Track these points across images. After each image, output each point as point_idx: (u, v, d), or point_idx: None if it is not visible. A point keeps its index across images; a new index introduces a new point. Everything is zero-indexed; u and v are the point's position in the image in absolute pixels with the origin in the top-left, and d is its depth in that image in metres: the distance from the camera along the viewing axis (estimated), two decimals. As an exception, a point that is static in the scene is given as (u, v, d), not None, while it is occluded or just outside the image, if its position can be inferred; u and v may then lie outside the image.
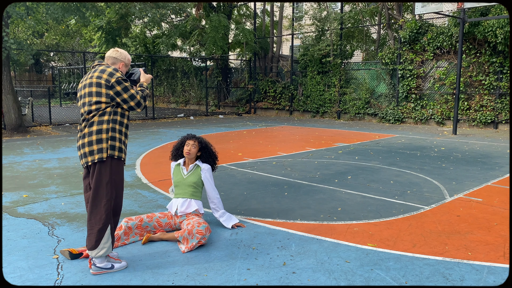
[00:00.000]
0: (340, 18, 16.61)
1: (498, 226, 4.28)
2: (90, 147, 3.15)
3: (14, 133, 11.51)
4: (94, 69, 3.31)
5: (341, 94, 16.76)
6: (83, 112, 3.25)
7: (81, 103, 3.27)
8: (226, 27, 18.25)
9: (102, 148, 3.15)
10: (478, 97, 13.43)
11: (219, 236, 3.98)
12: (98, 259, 3.15)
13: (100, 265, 3.15)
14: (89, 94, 3.21)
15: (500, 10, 12.23)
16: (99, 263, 3.15)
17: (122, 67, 3.43)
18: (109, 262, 3.21)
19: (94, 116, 3.20)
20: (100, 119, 3.19)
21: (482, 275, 3.19)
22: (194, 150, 4.13)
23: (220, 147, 9.34)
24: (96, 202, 3.14)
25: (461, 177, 6.51)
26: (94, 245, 3.12)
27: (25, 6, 11.32)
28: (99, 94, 3.20)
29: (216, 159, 4.34)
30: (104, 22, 18.30)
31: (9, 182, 6.05)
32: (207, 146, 4.25)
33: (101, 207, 3.14)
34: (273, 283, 3.05)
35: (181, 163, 4.25)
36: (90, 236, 3.14)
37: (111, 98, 3.22)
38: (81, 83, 3.34)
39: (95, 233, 3.11)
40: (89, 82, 3.24)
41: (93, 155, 3.15)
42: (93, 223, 3.13)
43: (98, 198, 3.15)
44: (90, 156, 3.16)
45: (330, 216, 4.57)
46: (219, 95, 21.51)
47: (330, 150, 9.09)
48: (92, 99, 3.20)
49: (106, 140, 3.17)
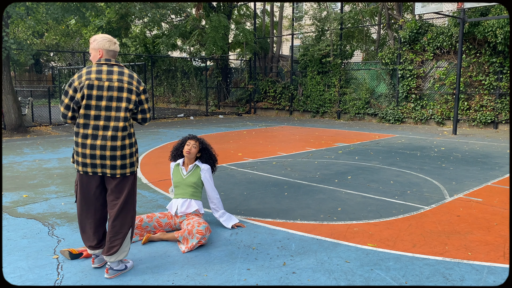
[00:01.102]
0: (340, 18, 16.61)
1: (498, 226, 4.28)
2: (123, 160, 3.11)
3: (14, 133, 11.51)
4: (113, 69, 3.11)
5: (341, 94, 16.76)
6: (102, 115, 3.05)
7: (104, 105, 3.05)
8: (226, 27, 18.25)
9: (133, 162, 3.21)
10: (478, 97, 13.43)
11: (219, 236, 3.98)
12: (116, 263, 3.16)
13: (117, 268, 3.16)
14: (118, 99, 3.07)
15: (500, 10, 12.23)
16: (116, 266, 3.16)
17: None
18: (123, 264, 3.24)
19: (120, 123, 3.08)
20: (127, 130, 3.13)
21: (482, 275, 3.19)
22: (194, 150, 4.14)
23: (220, 147, 9.34)
24: (126, 212, 3.17)
25: (461, 177, 6.51)
26: (115, 250, 3.12)
27: (25, 6, 11.32)
28: (129, 100, 3.11)
29: (216, 161, 4.36)
30: (104, 22, 18.30)
31: (9, 182, 6.05)
32: (207, 147, 4.26)
33: (129, 217, 3.21)
34: (273, 283, 3.05)
35: (180, 163, 4.25)
36: (113, 242, 3.12)
37: (136, 106, 3.18)
38: (91, 79, 3.05)
39: (120, 239, 3.14)
40: (117, 85, 3.07)
41: (125, 168, 3.13)
42: (118, 231, 3.14)
43: (127, 208, 3.18)
44: (121, 169, 3.11)
45: (330, 216, 4.57)
46: (219, 95, 21.51)
47: (330, 150, 9.09)
48: (122, 105, 3.08)
49: (135, 153, 3.23)
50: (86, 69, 3.11)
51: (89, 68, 3.12)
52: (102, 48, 3.14)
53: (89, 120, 3.05)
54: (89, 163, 3.07)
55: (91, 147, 3.05)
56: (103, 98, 3.05)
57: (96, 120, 3.05)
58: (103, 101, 3.05)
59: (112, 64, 3.14)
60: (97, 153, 3.05)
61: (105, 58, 3.15)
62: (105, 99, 3.06)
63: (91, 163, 3.07)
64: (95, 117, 3.05)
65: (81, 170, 3.10)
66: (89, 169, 3.09)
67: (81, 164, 3.09)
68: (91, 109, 3.05)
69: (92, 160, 3.06)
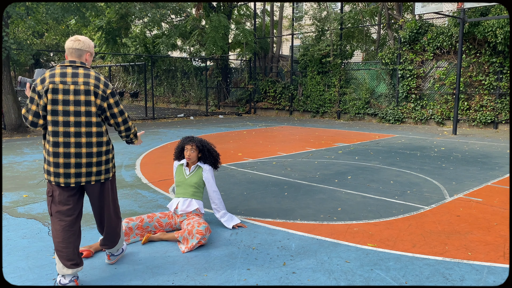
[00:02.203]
0: (340, 18, 16.61)
1: (498, 226, 4.28)
2: (98, 167, 3.00)
3: (14, 133, 11.51)
4: (78, 72, 2.93)
5: (341, 94, 16.76)
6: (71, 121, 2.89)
7: (73, 110, 2.89)
8: (226, 27, 18.24)
9: (109, 168, 3.10)
10: (478, 97, 13.43)
11: (219, 236, 3.98)
12: (116, 250, 3.37)
13: (117, 253, 3.40)
14: (86, 103, 2.91)
15: (500, 10, 12.23)
16: (116, 252, 3.38)
17: (88, 58, 3.04)
18: (120, 248, 3.43)
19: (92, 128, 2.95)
20: (103, 136, 3.02)
21: (482, 275, 3.19)
22: (193, 154, 4.14)
23: (220, 147, 9.34)
24: (115, 213, 3.24)
25: (461, 177, 6.51)
26: (116, 240, 3.29)
27: (25, 6, 11.32)
28: (95, 104, 2.94)
29: (218, 157, 4.33)
30: (104, 22, 18.29)
31: (9, 182, 6.05)
32: (205, 146, 4.24)
33: (118, 214, 3.30)
34: (273, 283, 3.05)
35: (184, 163, 4.26)
36: (112, 237, 3.26)
37: (102, 110, 3.00)
38: (55, 83, 2.87)
39: (117, 233, 3.30)
40: (84, 89, 2.90)
41: (100, 175, 3.03)
42: (114, 230, 3.26)
43: (115, 209, 3.24)
44: (96, 176, 3.00)
45: (330, 216, 4.57)
46: (219, 95, 21.51)
47: (330, 150, 9.09)
48: (92, 109, 2.94)
49: (111, 159, 3.13)
50: (50, 72, 2.91)
51: (52, 70, 2.92)
52: (66, 48, 2.98)
53: (57, 127, 2.86)
54: (62, 173, 2.89)
55: (65, 156, 2.88)
56: (70, 103, 2.87)
57: (65, 126, 2.87)
58: (70, 106, 2.87)
59: (77, 66, 2.94)
60: (72, 161, 2.89)
61: (70, 60, 2.96)
62: (73, 103, 2.87)
63: (64, 172, 2.89)
64: (64, 123, 2.86)
65: (53, 180, 2.91)
66: (61, 179, 2.90)
67: (53, 174, 2.89)
68: (58, 114, 2.86)
69: (65, 169, 2.89)
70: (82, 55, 2.99)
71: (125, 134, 3.21)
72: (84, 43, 3.00)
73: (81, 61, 2.99)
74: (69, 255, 2.92)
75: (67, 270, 2.92)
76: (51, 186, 2.96)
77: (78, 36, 3.02)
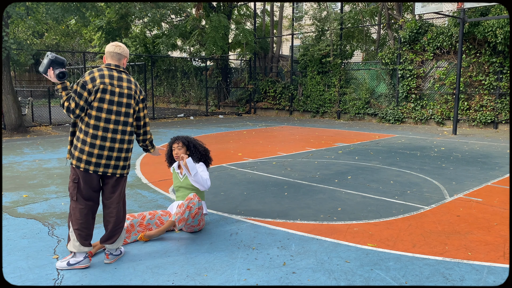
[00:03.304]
0: (340, 18, 16.61)
1: (498, 226, 4.28)
2: (125, 162, 3.37)
3: (14, 133, 11.51)
4: (122, 76, 3.31)
5: (341, 94, 16.76)
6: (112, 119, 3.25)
7: (115, 110, 3.26)
8: (226, 27, 18.24)
9: (129, 164, 3.48)
10: (478, 97, 13.43)
11: (219, 236, 3.98)
12: (114, 249, 3.44)
13: (115, 253, 3.45)
14: (127, 105, 3.31)
15: (500, 10, 12.23)
16: (114, 252, 3.44)
17: (125, 62, 3.42)
18: (119, 249, 3.51)
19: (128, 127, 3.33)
20: (133, 135, 3.41)
21: (482, 275, 3.19)
22: (181, 151, 4.12)
23: (220, 147, 9.34)
24: (123, 206, 3.46)
25: (461, 177, 6.51)
26: (116, 238, 3.40)
27: (25, 6, 11.32)
28: (132, 107, 3.35)
29: (206, 152, 4.27)
30: (104, 22, 18.30)
31: (9, 182, 6.05)
32: (191, 142, 4.19)
33: (125, 210, 3.51)
34: (273, 283, 3.05)
35: (175, 167, 4.26)
36: (114, 232, 3.39)
37: (134, 112, 3.39)
38: (106, 84, 3.22)
39: (120, 228, 3.43)
40: (127, 93, 3.30)
41: (124, 169, 3.40)
42: (120, 223, 3.42)
43: (124, 203, 3.48)
44: (121, 170, 3.36)
45: (330, 216, 4.57)
46: (219, 95, 21.50)
47: (330, 150, 9.09)
48: (130, 111, 3.33)
49: (130, 157, 3.48)
50: (98, 72, 3.25)
51: (100, 71, 3.26)
52: (107, 51, 3.34)
53: (99, 122, 3.22)
54: (93, 162, 3.23)
55: (100, 148, 3.23)
56: (114, 103, 3.25)
57: (106, 123, 3.23)
58: (114, 106, 3.25)
59: (121, 71, 3.34)
60: (105, 153, 3.24)
61: (115, 64, 3.33)
62: (116, 104, 3.26)
63: (95, 162, 3.23)
64: (106, 120, 3.23)
65: (82, 167, 3.22)
66: (91, 167, 3.23)
67: (85, 162, 3.21)
68: (102, 112, 3.22)
69: (97, 159, 3.23)
70: (121, 59, 3.37)
71: (142, 138, 3.54)
72: (124, 49, 3.38)
73: (121, 65, 3.37)
74: (88, 235, 3.28)
75: (83, 248, 3.25)
76: (77, 172, 3.25)
77: (118, 42, 3.40)
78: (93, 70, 3.26)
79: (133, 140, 3.42)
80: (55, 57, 3.18)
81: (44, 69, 3.19)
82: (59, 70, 3.17)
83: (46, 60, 3.18)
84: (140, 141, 3.57)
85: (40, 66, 3.22)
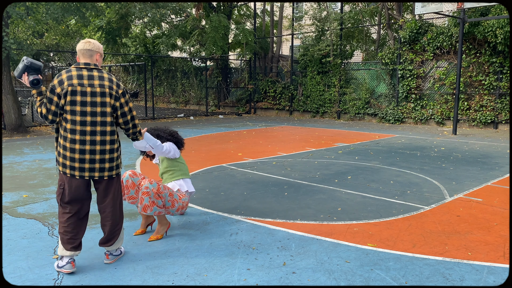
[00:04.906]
0: (340, 18, 16.61)
1: (498, 226, 4.28)
2: (111, 163, 3.26)
3: (14, 133, 11.51)
4: (93, 74, 3.15)
5: (341, 94, 16.76)
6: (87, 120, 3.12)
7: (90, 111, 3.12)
8: (226, 27, 18.24)
9: (118, 164, 3.36)
10: (478, 97, 13.43)
11: (219, 236, 3.98)
12: (115, 249, 3.43)
13: (115, 253, 3.45)
14: (102, 104, 3.15)
15: (500, 10, 12.23)
16: (115, 252, 3.44)
17: (99, 58, 3.26)
18: (119, 249, 3.51)
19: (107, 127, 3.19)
20: (115, 134, 3.27)
21: (482, 275, 3.19)
22: None
23: (220, 147, 9.34)
24: (119, 208, 3.40)
25: (461, 177, 6.51)
26: (115, 240, 3.38)
27: (25, 6, 11.31)
28: (110, 105, 3.20)
29: (175, 134, 4.26)
30: (104, 22, 18.28)
31: (9, 182, 6.05)
32: (156, 130, 4.22)
33: (121, 211, 3.44)
34: (273, 283, 3.05)
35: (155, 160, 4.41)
36: (112, 234, 3.36)
37: (114, 109, 3.25)
38: (74, 85, 3.08)
39: (118, 230, 3.39)
40: (100, 91, 3.13)
41: (112, 170, 3.29)
42: (116, 225, 3.38)
43: (119, 205, 3.40)
44: (108, 172, 3.26)
45: (330, 216, 4.57)
46: (219, 95, 21.50)
47: (330, 150, 9.09)
48: (107, 110, 3.18)
49: (119, 155, 3.38)
50: (66, 74, 3.10)
51: (69, 72, 3.12)
52: (78, 50, 3.19)
53: (75, 125, 3.10)
54: (77, 167, 3.15)
55: (80, 152, 3.13)
56: (87, 104, 3.11)
57: (82, 125, 3.11)
58: (87, 107, 3.11)
59: (91, 68, 3.17)
60: (87, 157, 3.15)
61: (84, 62, 3.17)
62: (89, 104, 3.11)
63: (79, 167, 3.15)
64: (81, 123, 3.11)
65: (68, 172, 3.16)
66: (76, 172, 3.16)
67: (69, 167, 3.15)
68: (76, 115, 3.10)
69: (80, 164, 3.14)
70: (93, 55, 3.21)
71: (132, 132, 3.42)
72: (94, 44, 3.22)
73: (93, 62, 3.21)
74: (70, 240, 3.17)
75: (65, 252, 3.17)
76: (64, 177, 3.19)
77: (88, 39, 3.26)
78: (62, 72, 3.13)
79: (116, 140, 3.29)
80: (30, 63, 3.09)
81: (19, 74, 3.10)
82: (34, 76, 3.07)
83: (21, 65, 3.09)
84: (129, 134, 3.43)
85: (15, 70, 3.13)
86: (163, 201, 3.79)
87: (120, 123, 3.31)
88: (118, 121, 3.31)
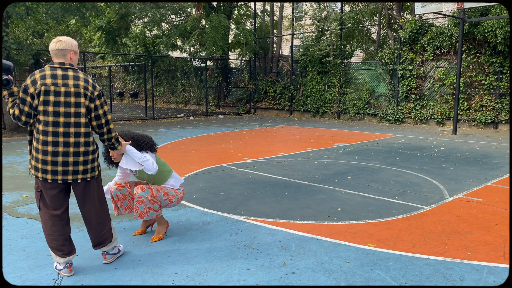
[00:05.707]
0: (340, 18, 16.61)
1: (498, 226, 4.28)
2: (85, 165, 3.11)
3: (14, 133, 11.51)
4: (68, 74, 3.03)
5: (341, 94, 16.76)
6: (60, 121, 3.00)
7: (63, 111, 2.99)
8: (226, 27, 18.24)
9: (94, 167, 3.21)
10: (478, 97, 13.43)
11: (219, 236, 3.98)
12: (111, 249, 3.39)
13: (112, 252, 3.41)
14: (76, 105, 3.02)
15: (500, 10, 12.23)
16: (111, 251, 3.40)
17: (73, 56, 3.12)
18: (116, 247, 3.47)
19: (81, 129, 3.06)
20: (90, 136, 3.12)
21: (482, 275, 3.19)
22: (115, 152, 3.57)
23: (220, 147, 9.34)
24: (102, 210, 3.30)
25: (461, 177, 6.51)
26: (108, 241, 3.33)
27: (25, 6, 11.31)
28: (84, 105, 3.06)
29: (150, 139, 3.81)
30: (104, 22, 18.28)
31: (9, 182, 6.05)
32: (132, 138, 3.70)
33: (106, 212, 3.35)
34: (273, 283, 3.05)
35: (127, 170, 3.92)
36: (102, 237, 3.30)
37: (89, 111, 3.10)
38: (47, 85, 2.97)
39: (107, 232, 3.32)
40: (74, 91, 3.01)
41: (86, 173, 3.14)
42: (102, 227, 3.30)
43: (101, 206, 3.30)
44: (82, 174, 3.11)
45: (330, 216, 4.57)
46: (219, 95, 21.50)
47: (330, 150, 9.09)
48: (81, 111, 3.05)
49: (96, 158, 3.23)
50: (40, 73, 2.99)
51: (42, 71, 3.01)
52: (50, 50, 3.06)
53: (47, 126, 2.98)
54: (49, 170, 3.02)
55: (53, 154, 3.00)
56: (61, 104, 2.99)
57: (55, 126, 2.99)
58: (61, 107, 2.99)
59: (66, 68, 3.05)
60: (59, 159, 3.02)
61: (59, 62, 3.06)
62: (63, 105, 2.99)
63: (51, 169, 3.02)
64: (54, 124, 2.98)
65: (40, 176, 3.04)
66: (49, 176, 3.03)
67: (41, 171, 3.02)
68: (48, 115, 2.97)
69: (53, 166, 3.02)
70: (66, 54, 3.07)
71: (107, 137, 3.25)
72: (66, 42, 3.07)
73: (67, 61, 3.08)
74: (58, 246, 3.10)
75: (59, 259, 3.12)
76: (39, 181, 3.10)
77: (59, 37, 3.10)
78: (35, 72, 3.01)
79: (92, 142, 3.14)
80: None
81: None
82: (4, 77, 2.96)
83: None
84: (104, 140, 3.26)
85: None
86: (159, 204, 3.76)
87: (94, 126, 3.17)
88: (91, 124, 3.16)
